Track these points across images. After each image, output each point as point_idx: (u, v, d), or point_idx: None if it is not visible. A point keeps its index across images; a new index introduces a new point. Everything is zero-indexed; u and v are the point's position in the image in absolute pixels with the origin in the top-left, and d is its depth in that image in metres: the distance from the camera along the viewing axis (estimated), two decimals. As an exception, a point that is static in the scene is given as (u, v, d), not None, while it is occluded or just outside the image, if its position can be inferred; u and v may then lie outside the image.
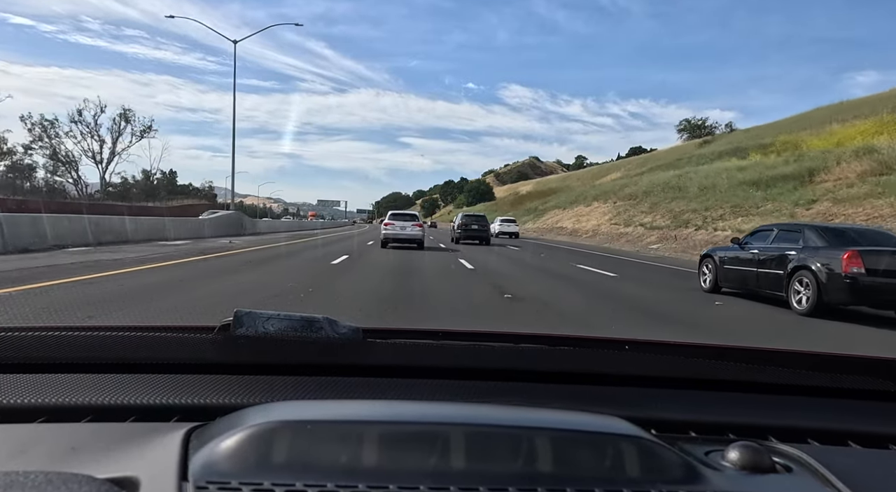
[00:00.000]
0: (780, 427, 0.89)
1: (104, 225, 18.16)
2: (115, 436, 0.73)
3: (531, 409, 0.82)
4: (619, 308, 8.61)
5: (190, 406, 0.84)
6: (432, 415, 0.74)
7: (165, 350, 0.96)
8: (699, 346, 1.06)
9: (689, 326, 7.27)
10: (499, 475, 0.62)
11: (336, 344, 0.93)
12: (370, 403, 0.85)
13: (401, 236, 20.32)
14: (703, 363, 1.02)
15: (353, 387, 0.93)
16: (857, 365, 1.04)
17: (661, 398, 0.96)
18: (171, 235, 22.12)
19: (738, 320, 8.06)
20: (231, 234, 28.49)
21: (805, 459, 0.74)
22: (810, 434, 0.88)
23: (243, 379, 0.92)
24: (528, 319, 6.96)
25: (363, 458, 0.63)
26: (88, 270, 9.71)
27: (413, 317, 6.87)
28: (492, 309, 7.75)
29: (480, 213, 34.62)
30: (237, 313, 0.90)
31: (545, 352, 1.02)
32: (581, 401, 0.90)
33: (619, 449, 0.66)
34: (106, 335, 0.96)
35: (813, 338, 6.89)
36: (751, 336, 6.71)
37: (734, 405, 0.96)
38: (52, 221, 15.49)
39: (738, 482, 0.67)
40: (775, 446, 0.79)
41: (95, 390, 0.87)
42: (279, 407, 0.74)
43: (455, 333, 1.04)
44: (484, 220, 27.91)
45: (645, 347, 1.04)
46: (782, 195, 26.08)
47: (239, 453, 0.62)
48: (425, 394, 0.92)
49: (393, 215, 21.40)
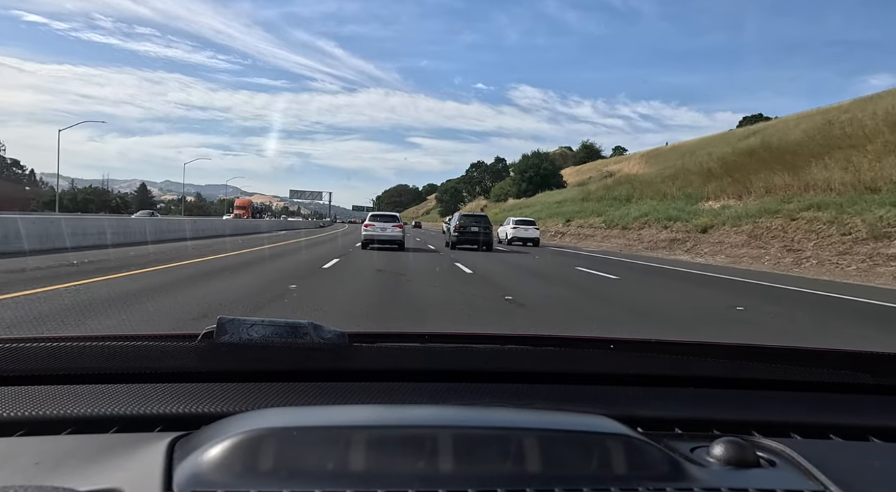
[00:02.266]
0: (764, 422, 0.90)
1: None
2: (97, 447, 0.72)
3: (519, 410, 0.82)
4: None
5: (174, 415, 0.83)
6: (419, 418, 0.75)
7: (147, 359, 0.95)
8: (683, 343, 1.07)
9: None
10: (487, 477, 0.62)
11: (321, 349, 0.92)
12: (357, 407, 0.85)
13: (381, 237, 20.20)
14: (688, 361, 1.03)
15: (340, 392, 0.92)
16: (836, 359, 1.05)
17: (646, 396, 0.96)
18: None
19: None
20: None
21: (788, 452, 0.75)
22: (793, 428, 0.89)
23: (228, 387, 0.91)
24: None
25: (351, 463, 0.62)
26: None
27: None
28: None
29: (480, 213, 30.89)
30: (220, 320, 0.89)
31: (531, 353, 1.03)
32: (568, 401, 0.90)
33: (606, 447, 0.67)
34: (85, 345, 0.94)
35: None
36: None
37: (719, 401, 0.97)
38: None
39: (722, 477, 0.67)
40: (759, 440, 0.80)
41: (76, 401, 0.85)
42: (264, 414, 0.74)
43: (441, 336, 1.04)
44: (485, 221, 24.49)
45: (629, 346, 1.04)
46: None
47: (224, 462, 0.62)
48: (412, 397, 0.92)
49: (373, 217, 21.32)
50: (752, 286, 11.98)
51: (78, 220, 20.78)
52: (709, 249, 22.17)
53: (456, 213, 30.11)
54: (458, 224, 24.06)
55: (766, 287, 11.85)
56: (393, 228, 20.43)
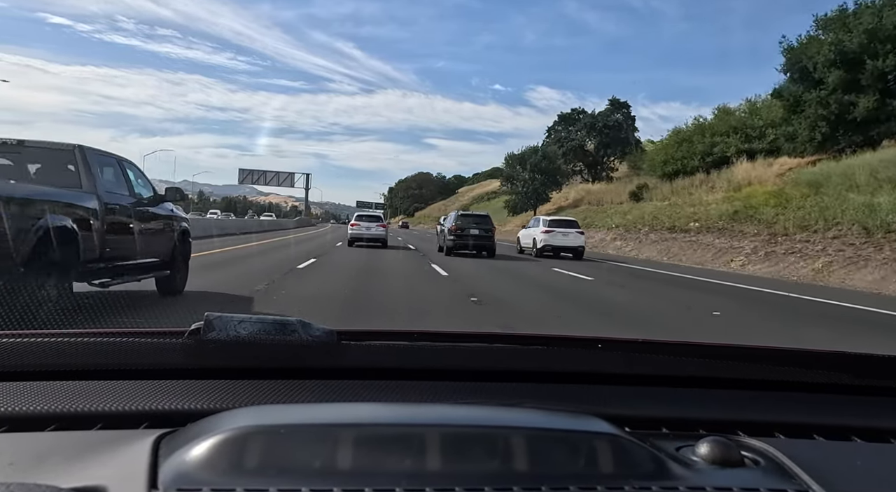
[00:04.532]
0: (749, 422, 0.91)
1: None
2: (80, 444, 0.71)
3: (507, 409, 0.82)
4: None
5: (159, 412, 0.82)
6: (408, 416, 0.74)
7: (134, 356, 0.93)
8: (671, 344, 1.08)
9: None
10: (475, 475, 0.62)
11: (310, 347, 0.91)
12: (345, 405, 0.85)
13: (366, 236, 21.88)
14: (675, 360, 1.04)
15: (328, 390, 0.92)
16: (820, 360, 1.06)
17: (634, 396, 0.97)
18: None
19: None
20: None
21: (772, 452, 0.75)
22: (777, 428, 0.90)
23: (215, 384, 0.90)
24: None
25: (338, 461, 0.62)
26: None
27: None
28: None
29: (482, 212, 25.52)
30: (208, 317, 0.88)
31: (519, 351, 1.03)
32: (556, 400, 0.90)
33: (593, 446, 0.67)
34: (69, 341, 0.93)
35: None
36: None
37: (705, 401, 0.98)
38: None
39: (707, 476, 0.68)
40: (744, 440, 0.81)
41: (59, 398, 0.84)
42: (251, 411, 0.73)
43: (430, 334, 1.03)
44: (487, 221, 20.31)
45: (617, 346, 1.05)
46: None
47: (210, 459, 0.61)
48: (400, 395, 0.92)
49: (358, 217, 23.27)
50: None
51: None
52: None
53: (451, 212, 25.68)
54: (454, 225, 19.86)
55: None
56: (377, 228, 22.34)
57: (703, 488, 0.65)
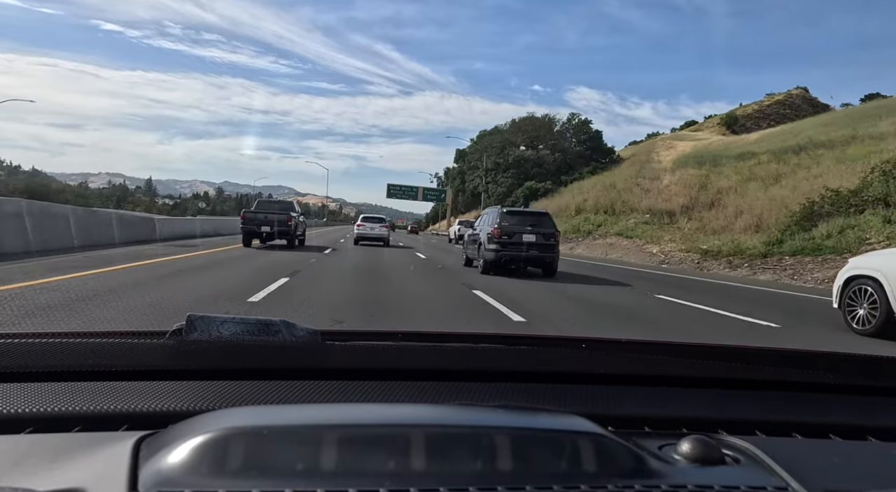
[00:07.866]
0: (731, 420, 0.92)
1: None
2: (59, 447, 0.69)
3: (490, 408, 0.83)
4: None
5: (140, 414, 0.81)
6: (391, 417, 0.74)
7: (114, 357, 0.92)
8: (653, 343, 1.10)
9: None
10: (459, 475, 0.62)
11: (293, 347, 0.92)
12: (328, 406, 0.84)
13: (370, 235, 25.48)
14: (658, 360, 1.06)
15: (311, 390, 0.91)
16: (800, 359, 1.09)
17: (617, 395, 0.98)
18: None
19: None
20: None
21: (752, 450, 0.76)
22: (758, 426, 0.91)
23: (197, 385, 0.89)
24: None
25: (322, 462, 0.62)
26: None
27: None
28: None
29: (538, 209, 17.75)
30: (190, 317, 0.88)
31: (504, 352, 1.04)
32: (540, 399, 0.92)
33: (576, 446, 0.67)
34: (47, 342, 0.91)
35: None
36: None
37: (687, 400, 0.99)
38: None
39: (689, 475, 0.68)
40: (725, 438, 0.81)
41: (36, 400, 0.82)
42: (234, 413, 0.73)
43: (414, 334, 1.04)
44: (547, 222, 13.50)
45: (601, 345, 1.07)
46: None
47: (192, 461, 0.60)
48: (384, 396, 0.92)
49: (364, 218, 27.13)
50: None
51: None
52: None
53: (489, 209, 15.59)
54: (497, 229, 12.95)
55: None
56: (380, 228, 25.95)
57: (685, 486, 0.65)
